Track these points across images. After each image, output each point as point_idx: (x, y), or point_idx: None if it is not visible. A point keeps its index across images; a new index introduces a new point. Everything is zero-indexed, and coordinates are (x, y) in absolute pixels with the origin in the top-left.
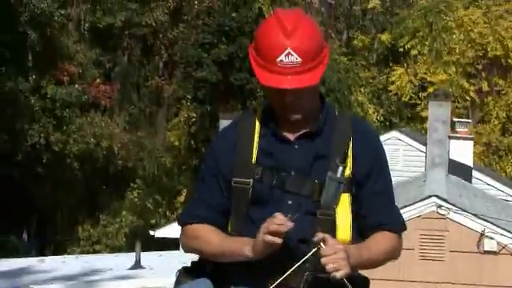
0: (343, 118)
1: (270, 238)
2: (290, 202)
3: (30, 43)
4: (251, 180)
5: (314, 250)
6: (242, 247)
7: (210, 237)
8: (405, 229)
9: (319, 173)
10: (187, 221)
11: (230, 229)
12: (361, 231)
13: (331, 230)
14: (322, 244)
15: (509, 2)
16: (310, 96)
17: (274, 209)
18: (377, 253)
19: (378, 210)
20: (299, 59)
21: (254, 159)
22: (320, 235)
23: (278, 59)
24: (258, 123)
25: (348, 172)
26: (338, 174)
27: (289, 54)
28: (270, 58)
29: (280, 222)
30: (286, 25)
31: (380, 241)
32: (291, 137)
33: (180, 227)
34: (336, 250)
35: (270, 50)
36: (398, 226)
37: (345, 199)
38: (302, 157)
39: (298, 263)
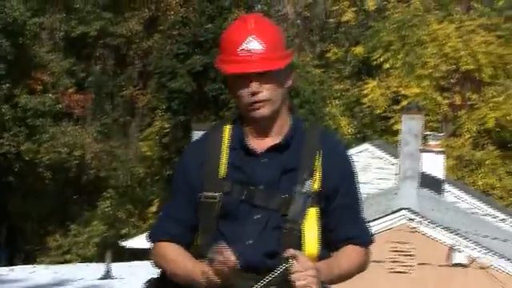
0: (312, 132)
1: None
2: (258, 216)
3: (3, 52)
4: (219, 194)
5: (284, 266)
6: (198, 274)
7: (177, 259)
8: (373, 242)
9: (287, 186)
10: (156, 237)
11: (199, 243)
12: (329, 244)
13: (299, 244)
14: (292, 260)
15: (481, 17)
16: (277, 91)
17: (242, 223)
18: (346, 268)
19: (346, 224)
20: (262, 46)
21: (222, 173)
22: (291, 251)
23: (242, 47)
24: (226, 137)
25: (316, 186)
26: (306, 188)
27: (251, 40)
28: (233, 48)
29: (224, 257)
30: (248, 20)
31: (349, 256)
32: (259, 149)
33: (150, 243)
34: (306, 268)
35: (233, 41)
36: (366, 239)
37: (313, 213)
38: (270, 170)
39: (268, 278)
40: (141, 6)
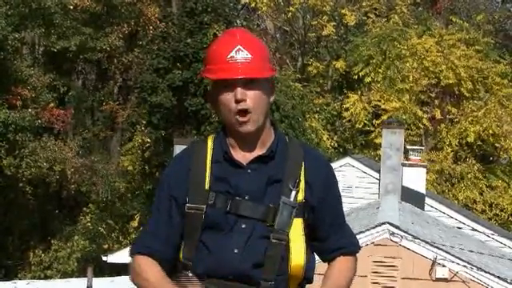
0: (294, 145)
1: None
2: (243, 226)
3: None
4: (204, 206)
5: None
6: None
7: (150, 277)
8: (360, 248)
9: (272, 197)
10: (136, 251)
11: (181, 256)
12: (320, 253)
13: (285, 254)
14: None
15: (461, 31)
16: (261, 103)
17: (228, 233)
18: (348, 279)
19: (335, 234)
20: (250, 55)
21: (207, 185)
22: None
23: (229, 56)
24: (210, 149)
25: (301, 197)
26: (291, 199)
27: (239, 50)
28: (220, 57)
29: None
30: (235, 32)
31: (343, 271)
32: (244, 161)
33: (131, 257)
34: None
35: (221, 51)
36: (355, 247)
37: (298, 223)
38: (255, 181)
39: None
40: (120, 20)
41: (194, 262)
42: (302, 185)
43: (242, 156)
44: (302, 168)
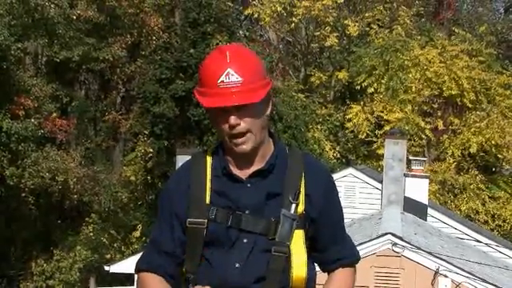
0: (295, 156)
1: None
2: (245, 241)
3: None
4: (205, 220)
5: None
6: None
7: None
8: (359, 259)
9: (273, 210)
10: (141, 268)
11: (184, 269)
12: (319, 264)
13: (286, 267)
14: None
15: (464, 42)
16: (256, 122)
17: (230, 248)
18: None
19: (336, 245)
20: (240, 79)
21: (207, 199)
22: None
23: (219, 80)
24: (209, 164)
25: (301, 209)
26: (292, 211)
27: (229, 74)
28: (211, 81)
29: None
30: (225, 52)
31: (343, 284)
32: (243, 176)
33: (136, 273)
34: None
35: (211, 74)
36: (354, 258)
37: (299, 236)
38: (255, 195)
39: None
40: (123, 31)
41: (197, 277)
42: (302, 197)
43: (240, 170)
44: (302, 180)
